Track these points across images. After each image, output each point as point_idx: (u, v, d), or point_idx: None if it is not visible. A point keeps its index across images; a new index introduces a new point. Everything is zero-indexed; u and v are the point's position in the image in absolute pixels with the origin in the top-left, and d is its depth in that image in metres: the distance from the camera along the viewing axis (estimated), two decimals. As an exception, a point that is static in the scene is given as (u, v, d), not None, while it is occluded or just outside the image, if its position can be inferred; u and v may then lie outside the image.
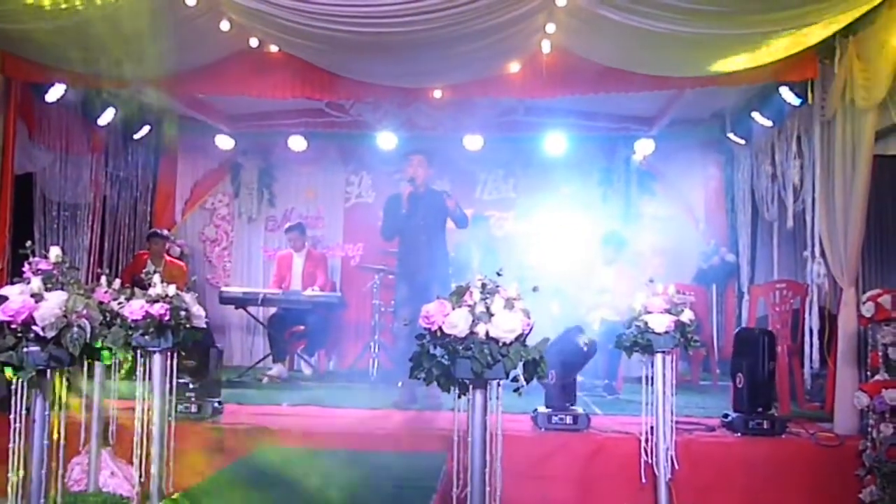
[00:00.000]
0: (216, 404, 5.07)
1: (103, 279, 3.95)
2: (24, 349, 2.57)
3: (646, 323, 4.19)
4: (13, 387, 2.73)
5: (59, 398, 2.81)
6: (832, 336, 5.15)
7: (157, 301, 3.79)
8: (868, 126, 4.79)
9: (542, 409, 4.81)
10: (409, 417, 5.33)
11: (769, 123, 6.52)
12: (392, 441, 4.70)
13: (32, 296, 2.60)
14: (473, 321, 2.80)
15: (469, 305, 2.84)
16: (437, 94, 5.97)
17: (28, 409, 2.71)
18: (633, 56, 5.23)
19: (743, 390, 4.87)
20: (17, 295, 2.59)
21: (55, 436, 2.78)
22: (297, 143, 8.27)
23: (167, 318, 3.79)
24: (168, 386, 3.97)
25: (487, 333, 2.79)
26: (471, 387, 2.85)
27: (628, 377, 6.67)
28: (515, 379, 2.89)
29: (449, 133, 7.75)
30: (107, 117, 6.92)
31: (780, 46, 4.83)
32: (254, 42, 5.35)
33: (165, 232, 7.95)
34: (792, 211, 6.18)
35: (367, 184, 8.84)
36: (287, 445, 4.64)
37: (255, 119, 8.21)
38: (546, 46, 5.22)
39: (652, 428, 4.29)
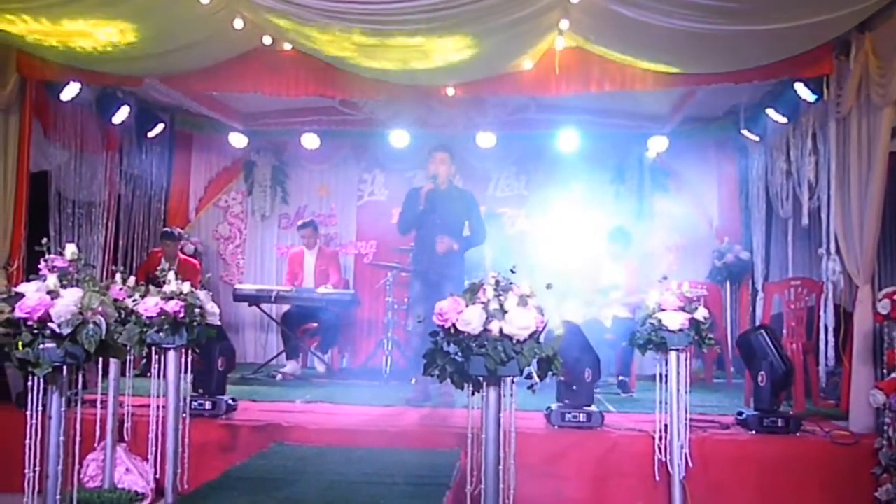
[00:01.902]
0: (230, 401, 5.09)
1: (118, 276, 3.98)
2: (41, 346, 2.58)
3: (660, 320, 4.17)
4: (29, 384, 2.75)
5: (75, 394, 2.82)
6: (847, 334, 5.11)
7: (171, 298, 3.80)
8: (884, 123, 4.76)
9: (555, 406, 4.81)
10: (422, 414, 5.34)
11: (784, 120, 6.47)
12: (405, 438, 4.71)
13: (48, 293, 2.62)
14: (487, 318, 2.79)
15: (483, 302, 2.83)
16: (450, 91, 5.94)
17: (44, 406, 2.73)
18: (646, 53, 5.20)
19: (765, 388, 4.83)
20: (33, 292, 2.60)
21: (71, 432, 2.80)
22: (310, 140, 8.29)
23: (182, 315, 3.80)
24: (183, 383, 3.98)
25: (501, 330, 2.78)
26: (484, 384, 2.84)
27: (642, 375, 6.66)
28: (529, 376, 2.88)
29: (461, 130, 7.73)
30: (121, 115, 6.95)
31: (796, 42, 4.80)
32: (267, 40, 5.36)
33: (177, 231, 7.95)
34: (807, 208, 6.12)
35: (381, 181, 8.84)
36: (300, 442, 4.66)
37: (269, 117, 8.24)
38: (559, 43, 5.21)
39: (666, 426, 4.27)
